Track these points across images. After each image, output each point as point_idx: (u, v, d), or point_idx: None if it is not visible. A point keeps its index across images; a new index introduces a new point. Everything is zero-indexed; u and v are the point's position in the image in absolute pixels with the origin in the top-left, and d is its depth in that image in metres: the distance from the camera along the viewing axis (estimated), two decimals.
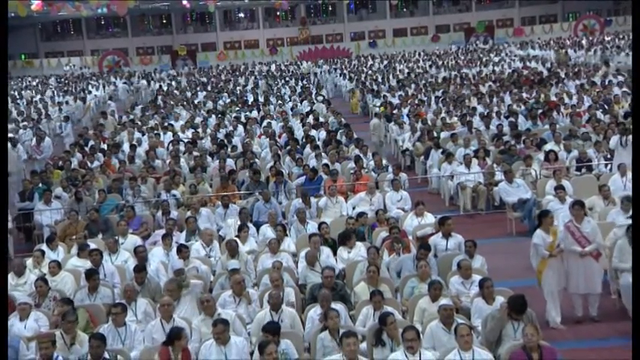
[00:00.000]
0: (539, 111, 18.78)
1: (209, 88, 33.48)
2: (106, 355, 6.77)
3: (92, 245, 10.06)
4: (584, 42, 44.36)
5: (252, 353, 7.05)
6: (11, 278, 9.32)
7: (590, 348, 8.09)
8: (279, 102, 25.17)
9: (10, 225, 12.97)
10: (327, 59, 47.95)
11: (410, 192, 12.93)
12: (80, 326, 7.73)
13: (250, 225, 11.13)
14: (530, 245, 10.38)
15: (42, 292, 8.51)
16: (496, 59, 39.04)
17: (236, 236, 10.26)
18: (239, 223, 10.91)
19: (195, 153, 16.18)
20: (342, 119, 20.58)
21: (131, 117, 23.73)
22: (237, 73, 42.06)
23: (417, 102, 22.72)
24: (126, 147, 17.58)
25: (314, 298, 8.01)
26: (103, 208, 12.52)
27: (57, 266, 9.30)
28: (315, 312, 7.67)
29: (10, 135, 20.22)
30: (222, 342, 6.88)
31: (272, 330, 6.89)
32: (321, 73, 39.92)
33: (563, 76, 27.19)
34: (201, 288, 8.60)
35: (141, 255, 9.57)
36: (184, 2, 51.03)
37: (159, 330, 7.46)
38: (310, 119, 20.21)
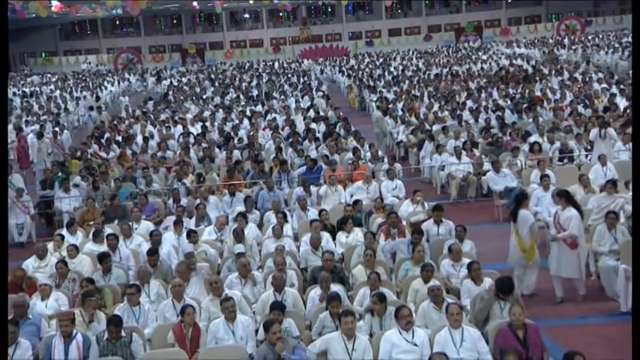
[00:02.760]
0: (525, 105, 18.74)
1: (217, 84, 33.39)
2: (122, 333, 6.78)
3: (108, 230, 10.05)
4: (566, 41, 44.22)
5: (256, 331, 7.05)
6: (33, 261, 9.36)
7: (572, 325, 8.09)
8: (282, 97, 25.10)
9: (32, 211, 13.05)
10: (327, 57, 47.82)
11: (404, 181, 12.91)
12: (108, 305, 7.77)
13: (255, 211, 11.14)
14: None
15: (62, 274, 8.52)
16: (484, 57, 38.89)
17: (234, 219, 10.30)
18: (244, 209, 10.91)
19: (203, 145, 16.15)
20: (341, 113, 20.54)
21: (144, 111, 23.70)
22: (243, 70, 41.93)
23: (410, 97, 22.66)
24: (139, 139, 17.57)
25: (314, 279, 8.01)
26: (118, 195, 12.50)
27: (75, 249, 9.30)
28: (315, 293, 7.67)
29: (34, 127, 20.25)
30: (232, 318, 6.89)
31: (279, 307, 6.91)
32: (320, 70, 39.80)
33: (546, 72, 27.11)
34: (207, 270, 8.59)
35: (156, 239, 9.56)
36: (194, 4, 50.85)
37: (170, 309, 7.47)
38: (311, 113, 20.16)
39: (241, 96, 26.41)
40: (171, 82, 35.86)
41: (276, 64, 44.81)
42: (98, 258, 8.79)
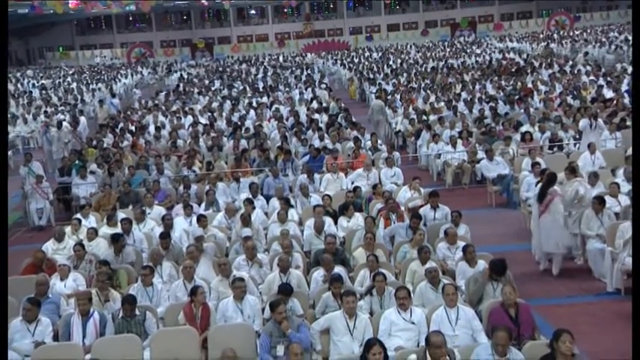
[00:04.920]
0: (516, 97, 18.66)
1: (224, 76, 33.26)
2: (137, 312, 6.78)
3: (122, 215, 10.05)
4: (555, 36, 43.94)
5: (263, 309, 7.05)
6: (52, 243, 9.37)
7: (561, 304, 8.09)
8: (287, 89, 25.00)
9: (51, 197, 13.06)
10: (329, 51, 47.59)
11: (402, 169, 12.86)
12: (122, 285, 7.81)
13: (261, 197, 11.11)
14: (507, 216, 10.46)
15: (79, 256, 8.51)
16: (478, 51, 38.69)
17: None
18: (250, 196, 10.87)
19: (212, 134, 16.10)
20: (342, 104, 20.46)
21: (156, 102, 23.64)
22: (249, 64, 41.74)
23: (408, 89, 22.56)
24: (152, 129, 17.54)
25: (318, 261, 7.99)
26: (132, 182, 12.48)
27: (94, 233, 9.33)
28: (318, 274, 7.64)
29: (57, 118, 20.22)
30: (241, 297, 6.88)
31: (286, 291, 6.89)
32: (323, 63, 39.58)
33: (537, 65, 26.96)
34: (213, 249, 8.57)
35: (167, 222, 9.55)
36: (202, 0, 50.59)
37: (182, 289, 7.45)
38: (314, 104, 20.08)
39: (248, 88, 26.31)
40: (181, 75, 35.72)
41: (281, 58, 44.61)
42: (112, 238, 8.76)
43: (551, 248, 8.92)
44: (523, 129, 14.34)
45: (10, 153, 18.79)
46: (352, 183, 11.79)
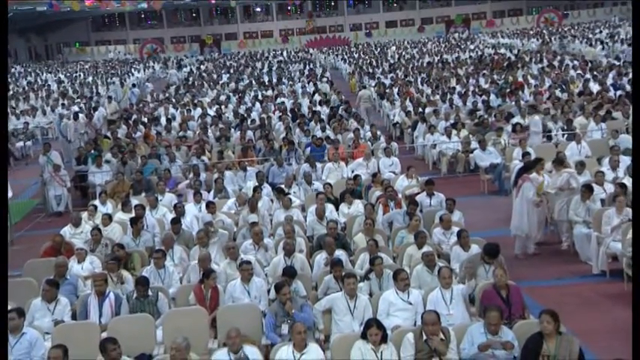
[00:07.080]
0: (508, 90, 18.57)
1: (231, 71, 33.12)
2: (149, 292, 6.79)
3: (136, 202, 10.03)
4: (545, 32, 43.67)
5: (268, 291, 7.05)
6: (69, 228, 9.36)
7: (548, 286, 8.08)
8: (290, 83, 24.90)
9: (68, 184, 13.06)
10: (330, 47, 47.35)
11: (400, 158, 12.83)
12: (136, 268, 7.81)
13: (266, 185, 11.08)
14: (499, 202, 10.43)
15: (96, 240, 8.51)
16: (472, 47, 38.46)
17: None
18: (256, 184, 10.84)
19: (220, 125, 16.06)
20: (343, 97, 20.37)
21: (167, 95, 23.56)
22: (255, 59, 41.57)
23: (405, 83, 22.46)
24: (163, 120, 17.49)
25: (320, 246, 7.98)
26: (145, 170, 12.47)
27: (108, 218, 9.32)
28: (321, 257, 7.63)
29: (74, 109, 20.16)
30: (248, 279, 6.87)
31: (290, 273, 6.87)
32: (324, 58, 39.39)
33: (527, 60, 26.81)
34: (226, 237, 8.57)
35: (179, 210, 9.54)
36: None
37: (196, 273, 7.42)
38: (316, 97, 20.00)
39: (253, 82, 26.22)
40: (191, 69, 35.58)
41: (285, 53, 44.42)
42: (131, 221, 8.81)
43: (513, 229, 8.97)
44: (514, 120, 14.24)
45: (29, 143, 18.84)
46: (352, 172, 11.74)
